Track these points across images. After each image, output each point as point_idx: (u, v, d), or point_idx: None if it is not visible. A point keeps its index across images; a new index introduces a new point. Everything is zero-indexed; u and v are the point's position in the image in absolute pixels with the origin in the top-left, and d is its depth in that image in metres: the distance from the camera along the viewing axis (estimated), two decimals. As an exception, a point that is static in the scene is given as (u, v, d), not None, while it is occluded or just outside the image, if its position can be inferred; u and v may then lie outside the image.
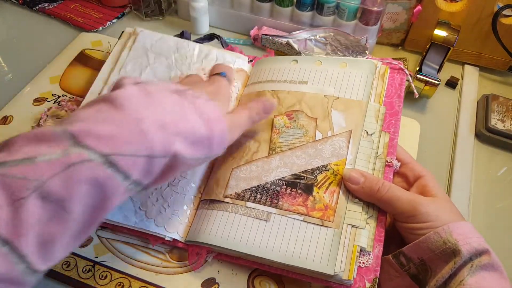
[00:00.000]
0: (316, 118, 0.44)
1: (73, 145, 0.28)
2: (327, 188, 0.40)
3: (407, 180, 0.42)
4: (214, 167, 0.46)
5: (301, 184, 0.40)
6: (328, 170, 0.41)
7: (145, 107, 0.32)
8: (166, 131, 0.31)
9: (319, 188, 0.40)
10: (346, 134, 0.42)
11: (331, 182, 0.40)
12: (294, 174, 0.41)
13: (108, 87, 0.50)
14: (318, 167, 0.41)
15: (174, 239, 0.42)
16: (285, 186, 0.40)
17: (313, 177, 0.41)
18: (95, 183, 0.28)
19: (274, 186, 0.41)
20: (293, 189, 0.40)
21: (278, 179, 0.41)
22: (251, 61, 0.55)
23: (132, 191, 0.31)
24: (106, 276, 0.41)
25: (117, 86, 0.35)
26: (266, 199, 0.40)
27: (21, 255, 0.26)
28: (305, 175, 0.41)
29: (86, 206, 0.28)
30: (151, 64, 0.52)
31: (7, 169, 0.26)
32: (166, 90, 0.34)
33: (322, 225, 0.38)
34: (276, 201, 0.40)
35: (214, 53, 0.53)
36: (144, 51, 0.53)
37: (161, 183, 0.34)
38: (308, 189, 0.40)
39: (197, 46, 0.54)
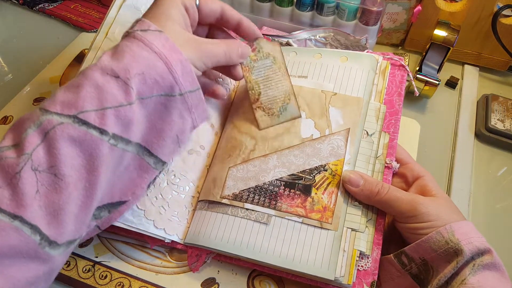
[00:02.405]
0: (279, 43, 0.43)
1: (42, 114, 0.30)
2: (325, 189, 0.40)
3: (406, 180, 0.42)
4: (210, 165, 0.46)
5: (299, 185, 0.40)
6: (326, 170, 0.41)
7: (101, 64, 0.32)
8: (121, 78, 0.32)
9: (317, 189, 0.40)
10: (344, 132, 0.42)
11: (330, 182, 0.40)
12: (292, 175, 0.41)
13: (94, 50, 0.45)
14: (316, 167, 0.41)
15: (173, 241, 0.42)
16: (283, 187, 0.40)
17: (311, 177, 0.40)
18: (73, 141, 0.30)
19: (272, 187, 0.41)
20: (291, 190, 0.40)
21: (276, 180, 0.41)
22: None
23: (121, 150, 0.32)
24: (106, 276, 0.41)
25: None
26: (264, 200, 0.40)
27: (32, 225, 0.28)
28: (303, 175, 0.41)
29: (76, 168, 0.30)
30: None
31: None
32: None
33: (321, 227, 0.38)
34: (274, 202, 0.40)
35: None
36: (136, 14, 0.45)
37: (160, 138, 0.35)
38: (306, 190, 0.40)
39: None
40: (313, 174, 0.40)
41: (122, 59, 0.32)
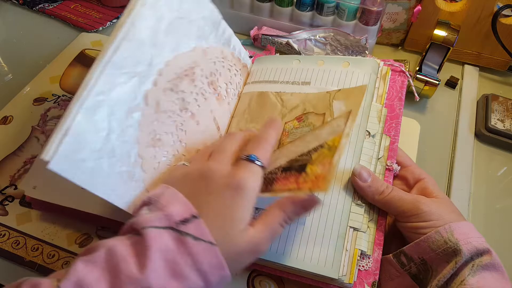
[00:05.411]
0: (324, 113, 0.43)
1: None
2: (320, 162, 0.37)
3: (407, 183, 0.42)
4: None
5: (296, 166, 0.39)
6: (323, 147, 0.39)
7: (133, 277, 0.28)
8: None
9: (312, 164, 0.38)
10: (345, 114, 0.41)
11: (325, 155, 0.37)
12: (290, 160, 0.40)
13: (116, 44, 0.37)
14: (314, 147, 0.39)
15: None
16: (280, 172, 0.39)
17: (308, 157, 0.39)
18: None
19: (271, 175, 0.40)
20: (287, 172, 0.38)
21: (275, 168, 0.40)
22: (251, 57, 0.55)
23: None
24: (106, 276, 0.41)
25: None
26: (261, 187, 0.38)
27: None
28: (300, 158, 0.40)
29: None
30: (173, 21, 0.41)
31: None
32: (164, 240, 0.29)
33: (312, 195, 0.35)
34: (270, 187, 0.38)
35: (233, 41, 0.50)
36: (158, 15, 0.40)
37: None
38: (301, 168, 0.38)
39: (223, 22, 0.48)
40: (311, 154, 0.40)
41: (164, 279, 0.28)
